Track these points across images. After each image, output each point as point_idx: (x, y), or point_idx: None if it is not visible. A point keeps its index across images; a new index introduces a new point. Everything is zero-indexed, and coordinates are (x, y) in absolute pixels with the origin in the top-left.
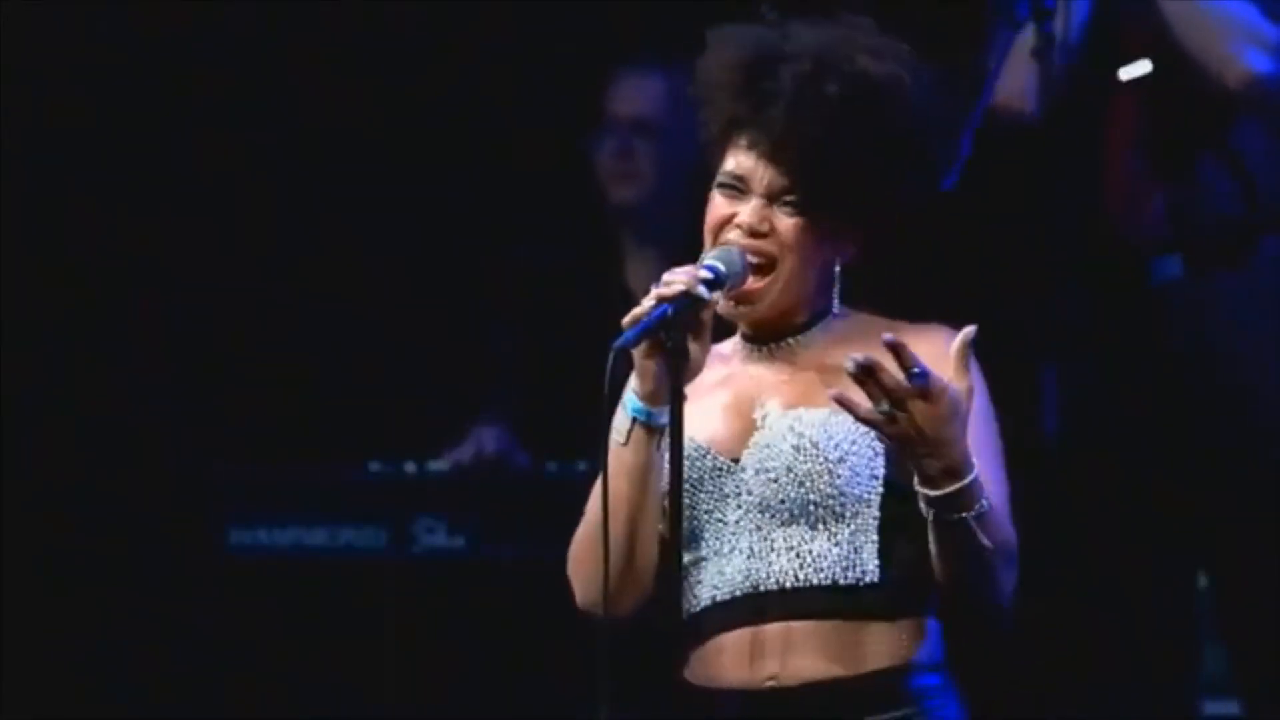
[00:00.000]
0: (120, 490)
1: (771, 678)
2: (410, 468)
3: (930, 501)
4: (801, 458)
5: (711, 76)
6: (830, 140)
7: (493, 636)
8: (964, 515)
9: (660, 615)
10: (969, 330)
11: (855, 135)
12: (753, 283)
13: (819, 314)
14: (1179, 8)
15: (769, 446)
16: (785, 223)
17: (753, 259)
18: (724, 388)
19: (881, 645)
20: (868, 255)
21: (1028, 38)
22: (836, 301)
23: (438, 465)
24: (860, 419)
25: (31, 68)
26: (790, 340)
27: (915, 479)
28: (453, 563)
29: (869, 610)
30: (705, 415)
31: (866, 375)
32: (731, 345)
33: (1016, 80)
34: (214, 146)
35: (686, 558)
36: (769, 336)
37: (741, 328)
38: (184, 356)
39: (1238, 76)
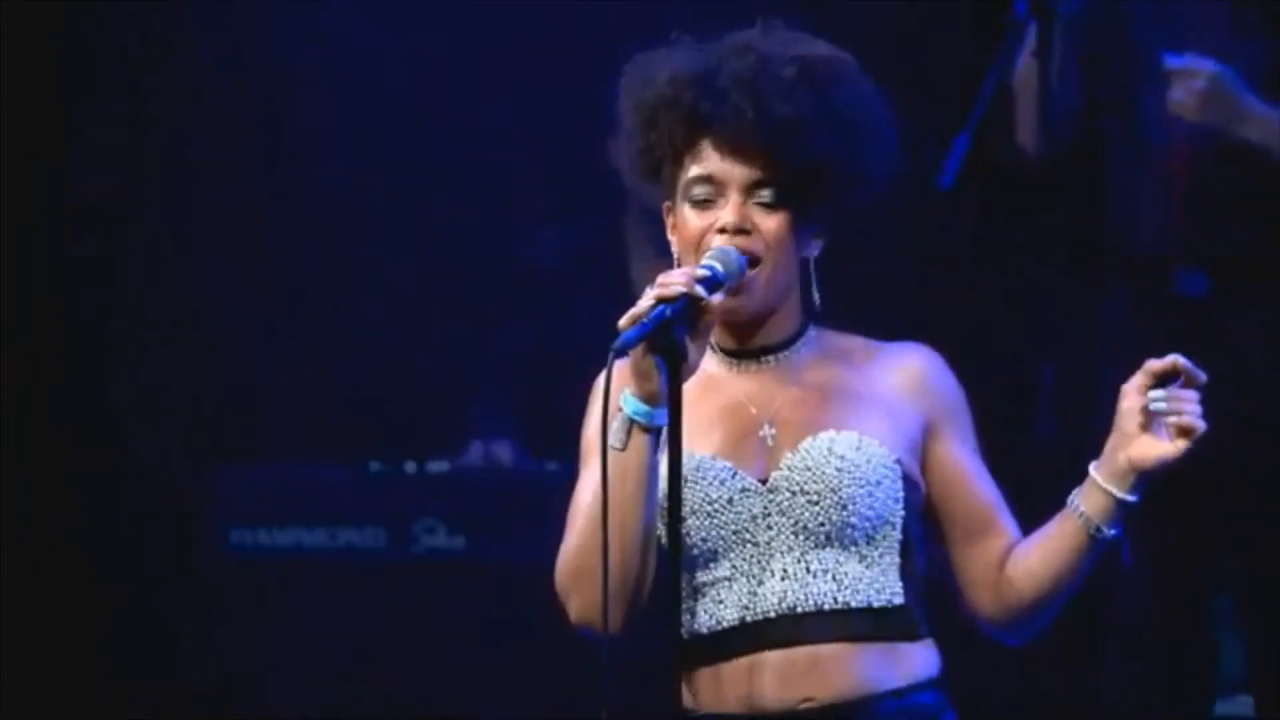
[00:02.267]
0: (121, 491)
1: (807, 699)
2: (410, 468)
3: (1121, 509)
4: (846, 480)
5: (655, 98)
6: (797, 118)
7: (493, 636)
8: (1115, 533)
9: (666, 634)
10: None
11: (818, 112)
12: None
13: (799, 330)
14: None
15: (810, 470)
16: (766, 220)
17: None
18: (709, 403)
19: (908, 664)
20: (854, 252)
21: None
22: (817, 298)
23: (438, 465)
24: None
25: (31, 66)
26: (774, 358)
27: (1118, 484)
28: (453, 563)
29: (897, 631)
30: (705, 432)
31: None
32: (708, 363)
33: (1028, 121)
34: (215, 146)
35: (704, 577)
36: (750, 350)
37: (716, 340)
38: (184, 356)
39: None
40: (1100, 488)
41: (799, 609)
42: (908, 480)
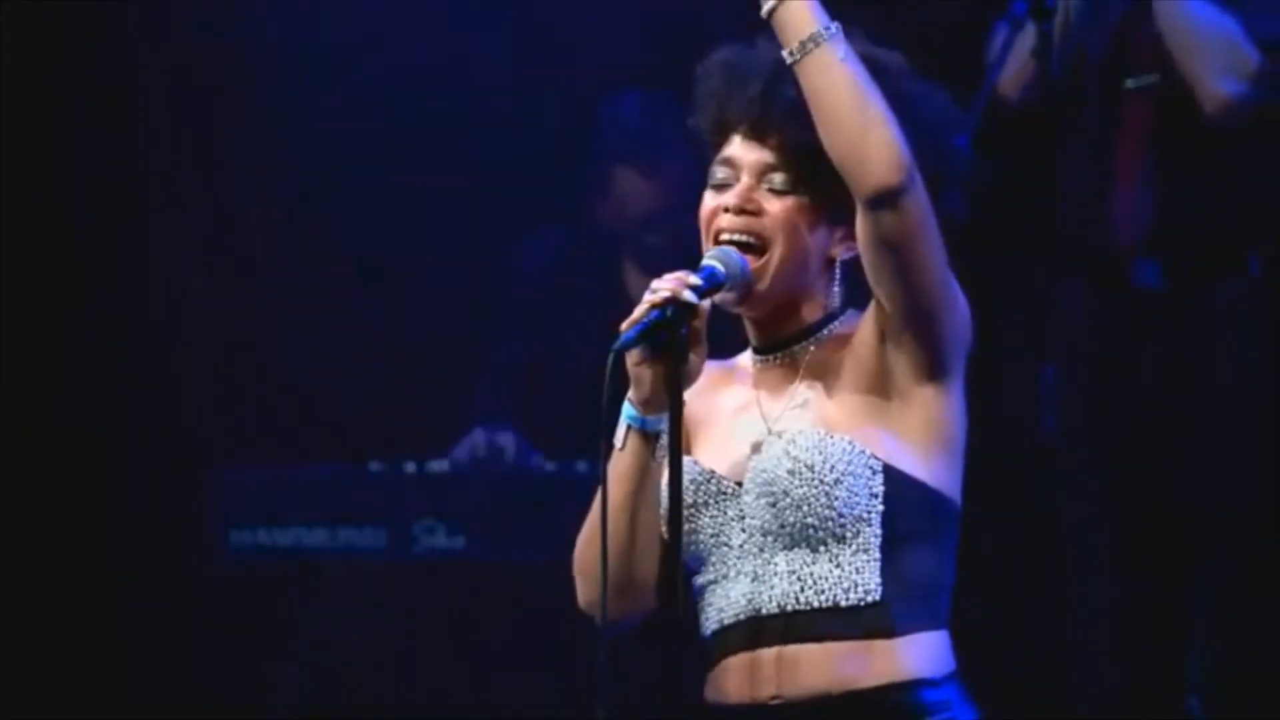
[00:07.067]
0: (120, 491)
1: (775, 696)
2: (410, 468)
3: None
4: (797, 481)
5: (700, 87)
6: (806, 107)
7: (493, 636)
8: (813, 43)
9: (666, 632)
10: None
11: None
12: (750, 262)
13: (822, 319)
14: (1170, 21)
15: (765, 471)
16: (775, 204)
17: (744, 238)
18: (728, 401)
19: (884, 662)
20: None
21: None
22: (838, 295)
23: (438, 465)
24: None
25: (31, 66)
26: (790, 352)
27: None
28: (453, 563)
29: (871, 629)
30: (717, 438)
31: None
32: (748, 359)
33: (1009, 70)
34: (216, 144)
35: (699, 580)
36: (771, 344)
37: (751, 339)
38: (183, 356)
39: (1210, 97)
40: None
41: (763, 610)
42: (894, 474)
